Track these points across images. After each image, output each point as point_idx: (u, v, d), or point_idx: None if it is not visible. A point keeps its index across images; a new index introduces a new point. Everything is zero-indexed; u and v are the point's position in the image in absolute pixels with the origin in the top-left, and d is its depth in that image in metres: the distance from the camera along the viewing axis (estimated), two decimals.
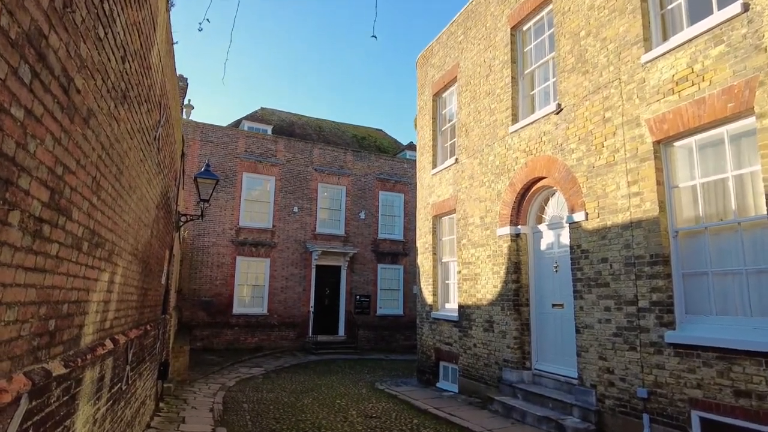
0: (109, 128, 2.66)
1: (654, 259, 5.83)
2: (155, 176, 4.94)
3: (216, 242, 17.86)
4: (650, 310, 5.80)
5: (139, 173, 3.90)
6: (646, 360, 5.78)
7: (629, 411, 5.92)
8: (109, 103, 2.58)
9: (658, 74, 6.01)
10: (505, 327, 8.45)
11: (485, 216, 9.29)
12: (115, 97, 2.72)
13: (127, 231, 3.66)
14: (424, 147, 12.27)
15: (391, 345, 20.12)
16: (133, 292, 4.41)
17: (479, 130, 9.77)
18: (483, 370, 8.95)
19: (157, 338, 6.69)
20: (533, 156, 8.16)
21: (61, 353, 2.19)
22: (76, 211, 2.21)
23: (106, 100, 2.51)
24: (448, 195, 10.76)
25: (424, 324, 11.41)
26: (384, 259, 20.93)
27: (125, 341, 3.86)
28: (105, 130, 2.56)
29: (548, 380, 7.72)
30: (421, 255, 11.89)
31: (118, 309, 3.65)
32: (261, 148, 19.29)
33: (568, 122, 7.47)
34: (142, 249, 4.65)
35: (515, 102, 8.88)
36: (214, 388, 9.98)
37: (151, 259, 5.51)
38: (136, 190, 3.86)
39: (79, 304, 2.46)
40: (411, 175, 22.14)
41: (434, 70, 12.03)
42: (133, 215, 3.89)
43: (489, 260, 9.02)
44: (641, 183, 6.12)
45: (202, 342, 16.84)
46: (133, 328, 4.56)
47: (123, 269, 3.68)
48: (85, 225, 2.40)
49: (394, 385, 11.00)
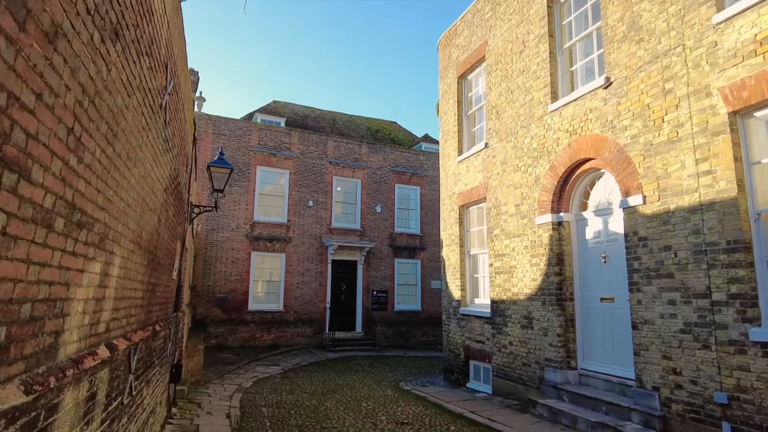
0: (93, 67, 2.00)
1: (731, 245, 5.06)
2: (162, 153, 4.30)
3: (230, 237, 17.31)
4: (728, 304, 5.04)
5: (141, 144, 3.25)
6: (725, 360, 5.02)
7: (704, 418, 5.17)
8: (91, 30, 1.92)
9: (734, 35, 5.21)
10: (546, 323, 7.71)
11: (521, 204, 8.53)
12: (102, 28, 2.05)
13: (126, 213, 3.01)
14: (448, 133, 11.51)
15: (410, 341, 19.50)
16: (138, 288, 3.78)
17: (512, 111, 9.00)
18: (521, 369, 8.22)
19: (168, 339, 6.08)
20: (578, 136, 7.39)
21: (21, 373, 1.54)
22: (39, 171, 1.55)
23: (86, 23, 1.85)
24: (477, 182, 10.01)
25: (451, 320, 10.70)
26: (401, 253, 20.25)
27: (127, 346, 3.22)
28: (86, 66, 1.90)
29: (597, 381, 6.98)
30: (446, 247, 11.16)
31: (116, 308, 3.01)
32: (275, 140, 18.69)
33: (619, 97, 6.69)
34: (148, 238, 4.01)
35: (554, 79, 8.10)
36: (230, 389, 9.39)
37: (160, 250, 4.88)
38: (137, 165, 3.21)
39: (52, 304, 1.81)
40: (427, 167, 21.40)
41: (459, 51, 11.26)
42: (135, 194, 3.24)
43: (526, 251, 8.27)
44: (713, 160, 5.34)
45: (217, 339, 16.33)
46: (138, 330, 3.93)
47: (122, 260, 3.04)
48: (57, 193, 1.74)
49: (420, 385, 10.34)
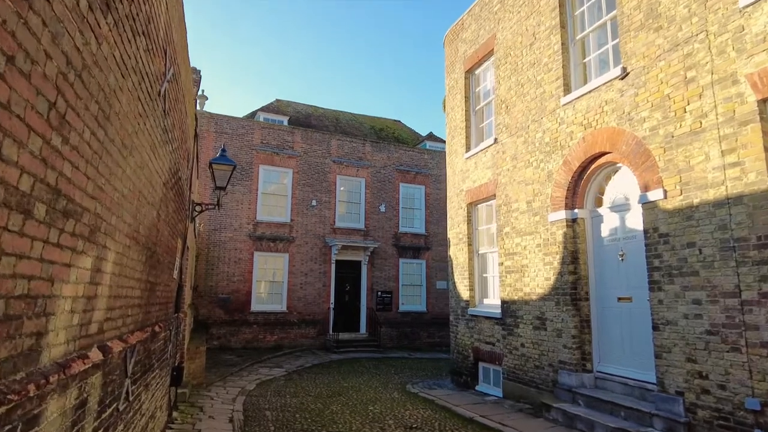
0: (80, 37, 1.76)
1: (763, 241, 4.79)
2: (161, 145, 4.07)
3: (233, 237, 17.09)
4: (760, 304, 4.77)
5: (138, 131, 3.02)
6: (757, 364, 4.75)
7: (734, 425, 4.90)
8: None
9: (763, 18, 4.95)
10: (560, 324, 7.44)
11: (533, 200, 8.27)
12: None
13: (121, 204, 2.77)
14: (455, 129, 11.25)
15: (415, 343, 19.25)
16: (135, 287, 3.55)
17: (523, 105, 8.74)
18: (533, 372, 7.96)
19: (169, 340, 5.84)
20: (593, 129, 7.13)
21: None
22: (12, 146, 1.31)
23: None
24: (485, 179, 9.75)
25: (459, 321, 10.44)
26: (405, 253, 19.99)
27: (123, 349, 2.99)
28: (71, 34, 1.66)
29: (614, 384, 6.72)
30: (454, 246, 10.90)
31: (111, 307, 2.77)
32: (278, 139, 18.46)
33: (637, 87, 6.43)
34: (146, 233, 3.78)
35: (567, 71, 7.84)
36: (233, 392, 9.15)
37: (159, 247, 4.64)
38: (134, 153, 2.98)
39: (32, 301, 1.57)
40: (432, 166, 21.15)
41: (466, 45, 11.01)
42: (131, 185, 3.01)
43: (539, 250, 8.00)
44: (741, 151, 5.08)
45: (220, 341, 16.10)
46: (136, 331, 3.69)
47: (117, 255, 2.80)
48: (36, 176, 1.50)
49: (428, 387, 10.08)
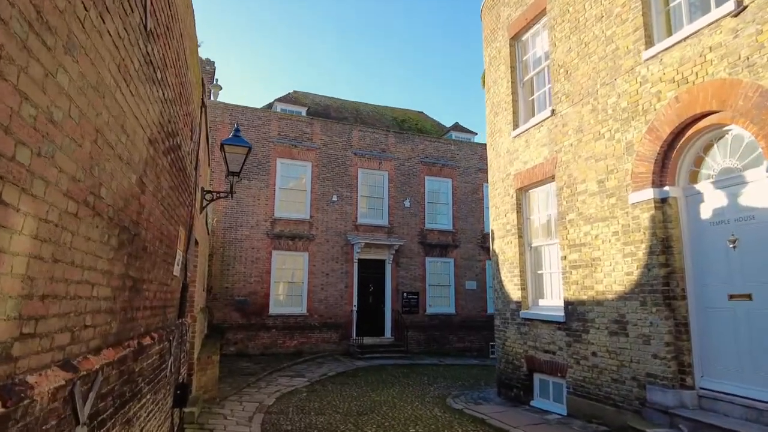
0: None
1: None
2: (144, 81, 2.83)
3: (249, 235, 15.94)
4: None
5: (91, 30, 1.79)
6: None
7: None
8: None
9: None
10: (648, 329, 6.04)
11: (606, 179, 6.88)
12: None
13: (51, 139, 1.54)
14: (498, 105, 9.89)
15: (444, 347, 17.89)
16: (98, 282, 2.31)
17: (588, 67, 7.36)
18: (610, 387, 6.57)
19: (169, 353, 4.62)
20: (690, 84, 5.72)
21: None
22: None
23: None
24: (541, 159, 8.36)
25: (508, 326, 9.07)
26: (432, 251, 18.63)
27: (66, 381, 1.74)
28: None
29: (729, 406, 5.30)
30: (499, 240, 9.54)
31: (31, 315, 1.53)
32: (296, 131, 17.30)
33: (759, 23, 5.03)
34: (117, 204, 2.54)
35: (647, 19, 6.45)
36: (250, 408, 7.93)
37: (148, 231, 3.42)
38: (82, 63, 1.74)
39: None
40: (459, 158, 19.79)
41: (510, 9, 9.66)
42: (78, 114, 1.76)
43: (616, 239, 6.61)
44: None
45: (236, 346, 14.96)
46: (104, 348, 2.47)
47: (43, 224, 1.56)
48: None
49: (472, 402, 8.75)
